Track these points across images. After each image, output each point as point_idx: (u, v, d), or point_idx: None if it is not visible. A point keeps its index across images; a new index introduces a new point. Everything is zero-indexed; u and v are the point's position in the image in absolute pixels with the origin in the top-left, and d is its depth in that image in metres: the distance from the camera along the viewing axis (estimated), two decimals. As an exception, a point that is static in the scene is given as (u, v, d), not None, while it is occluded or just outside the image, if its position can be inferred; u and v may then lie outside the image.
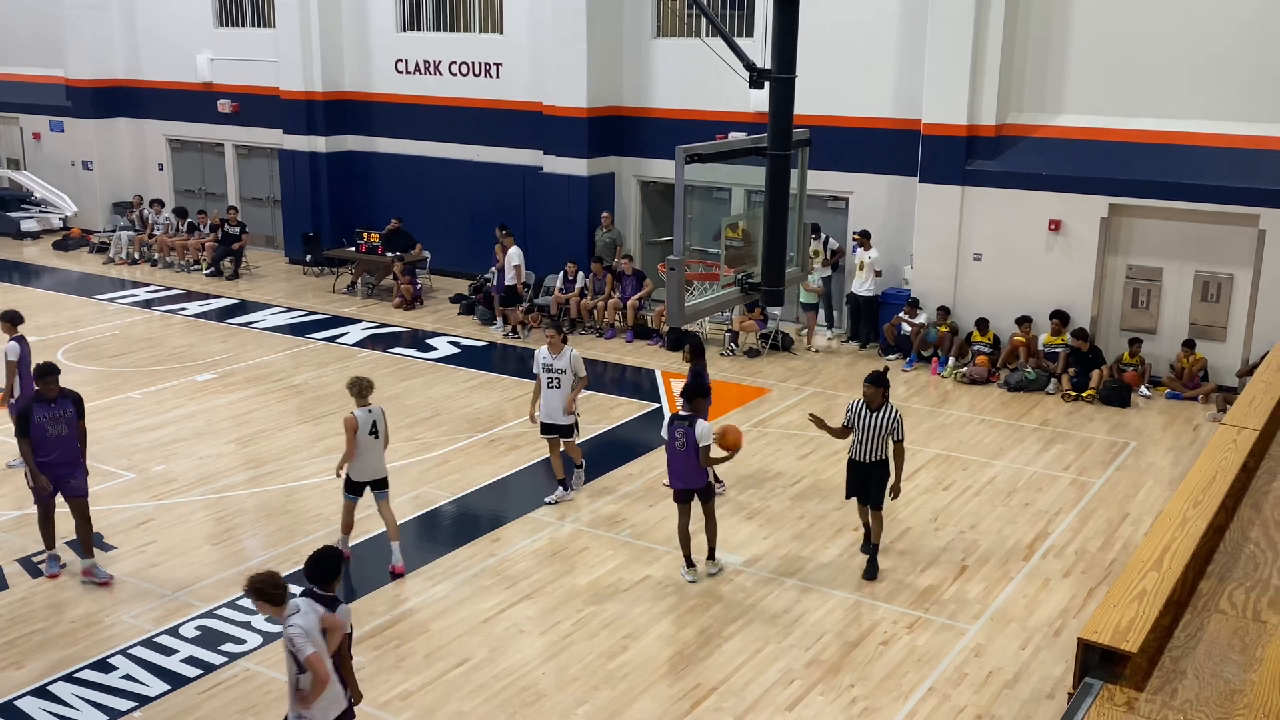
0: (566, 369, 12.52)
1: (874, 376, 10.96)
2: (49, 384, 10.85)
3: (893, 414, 10.90)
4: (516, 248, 20.31)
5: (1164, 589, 4.01)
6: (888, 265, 19.21)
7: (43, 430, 10.76)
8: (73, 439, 10.96)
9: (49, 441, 10.80)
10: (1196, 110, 16.66)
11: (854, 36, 18.95)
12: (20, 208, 28.51)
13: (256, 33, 25.90)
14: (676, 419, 11.05)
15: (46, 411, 10.81)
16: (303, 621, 6.85)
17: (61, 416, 10.86)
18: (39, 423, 10.76)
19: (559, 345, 12.54)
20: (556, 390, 12.55)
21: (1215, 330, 16.91)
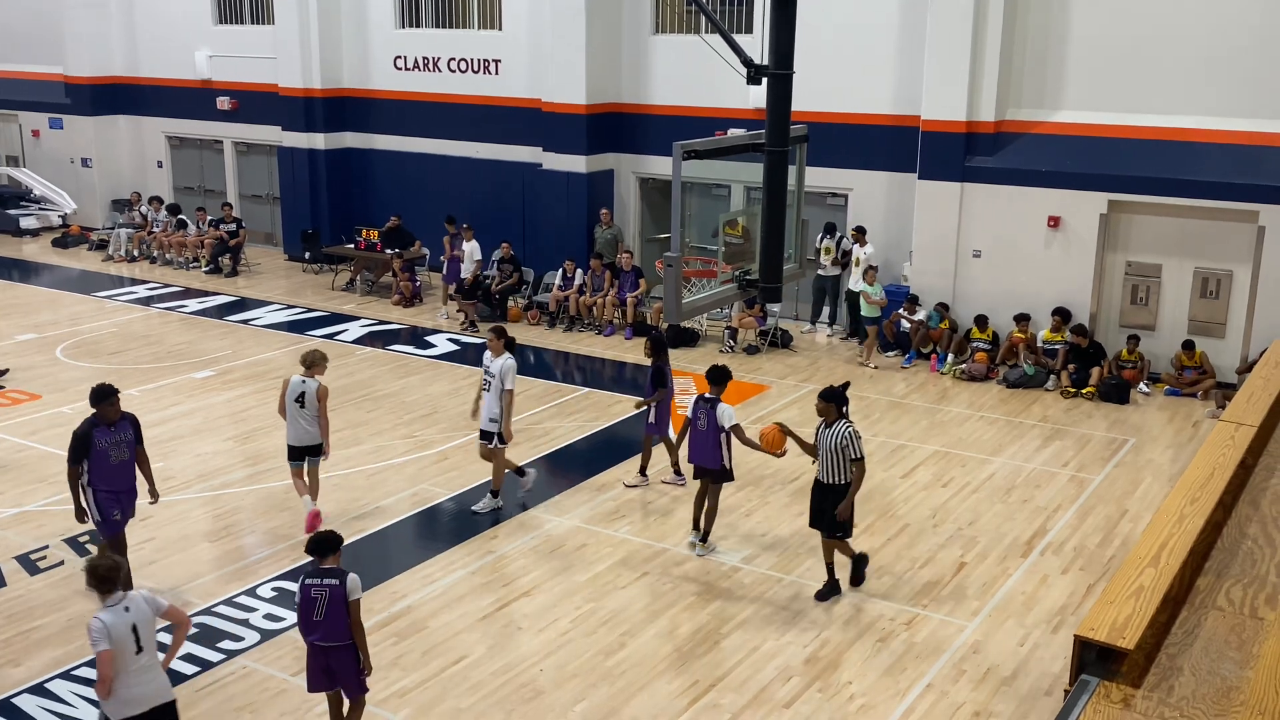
0: (497, 375, 12.28)
1: (825, 391, 10.43)
2: (110, 407, 10.06)
3: (841, 431, 10.21)
4: (475, 242, 20.52)
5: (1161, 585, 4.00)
6: (889, 262, 19.20)
7: (105, 457, 9.96)
8: (132, 464, 10.21)
9: (113, 469, 10.01)
10: (1196, 106, 16.64)
11: (853, 33, 18.93)
12: (19, 205, 28.50)
13: (255, 29, 25.87)
14: (702, 399, 11.46)
15: (109, 436, 10.03)
16: (107, 619, 7.17)
17: (123, 440, 10.12)
18: (102, 448, 9.97)
19: (498, 349, 12.34)
20: (488, 394, 12.34)
21: (1215, 327, 16.89)
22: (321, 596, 7.88)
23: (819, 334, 19.77)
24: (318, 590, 7.89)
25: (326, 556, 8.01)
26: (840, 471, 10.32)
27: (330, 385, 16.85)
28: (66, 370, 17.48)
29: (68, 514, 12.29)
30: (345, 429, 15.17)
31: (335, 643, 7.92)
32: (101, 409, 10.06)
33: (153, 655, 7.42)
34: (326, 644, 7.93)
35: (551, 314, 20.51)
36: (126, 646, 7.24)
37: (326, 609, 7.86)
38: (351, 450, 14.32)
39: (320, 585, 7.90)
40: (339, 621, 7.86)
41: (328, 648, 7.95)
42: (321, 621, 7.89)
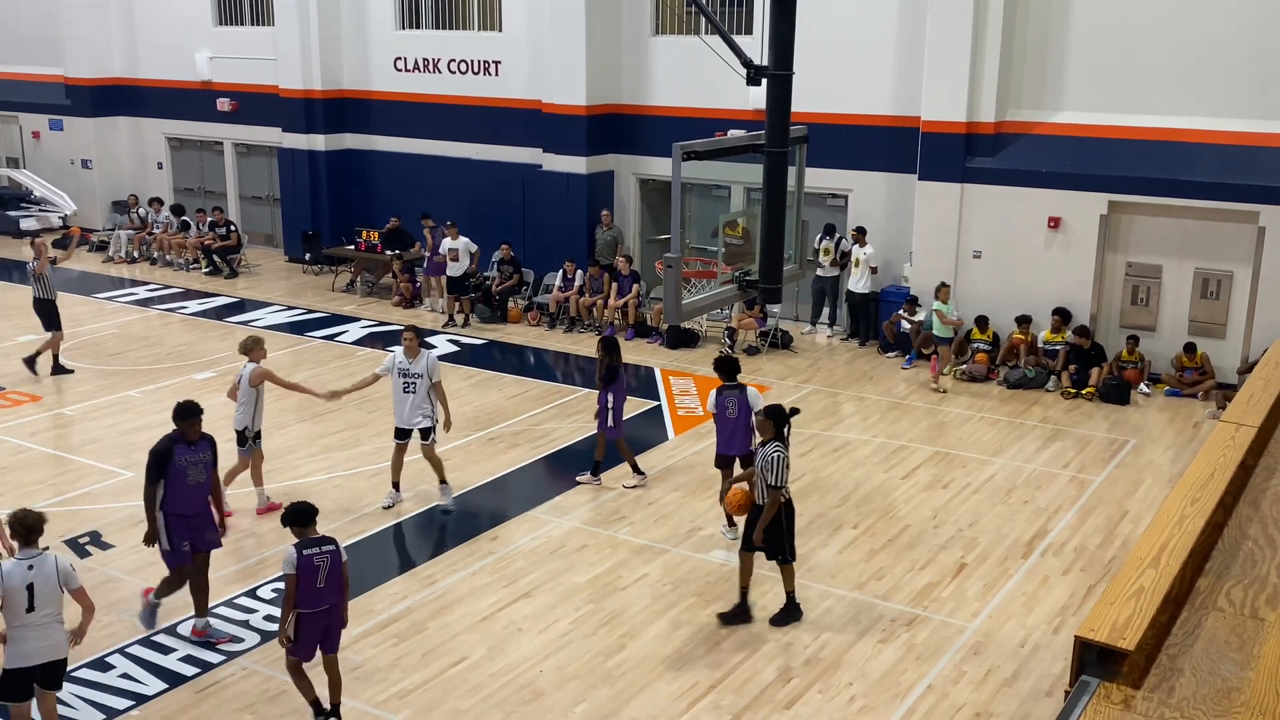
0: (424, 374, 12.32)
1: (770, 408, 10.16)
2: (193, 425, 9.69)
3: (769, 453, 9.82)
4: (466, 239, 20.61)
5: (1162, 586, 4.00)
6: (889, 263, 19.20)
7: (183, 476, 9.52)
8: (208, 488, 9.87)
9: (189, 491, 9.57)
10: (1196, 107, 16.64)
11: (853, 33, 18.93)
12: (20, 206, 28.50)
13: (255, 31, 25.88)
14: (725, 389, 11.63)
15: (189, 454, 9.64)
16: (6, 567, 7.72)
17: (202, 460, 9.74)
18: (181, 467, 9.53)
19: (415, 349, 12.35)
20: (412, 395, 12.33)
21: (1215, 327, 16.89)
22: (324, 564, 8.29)
23: (819, 335, 19.77)
24: (319, 559, 8.28)
25: (310, 525, 8.35)
26: (762, 491, 9.92)
27: (332, 386, 16.88)
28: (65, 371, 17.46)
29: (67, 515, 12.34)
30: (345, 430, 15.18)
31: (333, 604, 8.42)
32: (183, 427, 9.65)
33: (50, 617, 7.80)
34: (329, 606, 8.39)
35: (551, 315, 20.52)
36: (18, 600, 7.60)
37: (328, 575, 8.31)
38: (352, 451, 14.32)
39: (321, 554, 8.30)
40: (338, 583, 8.39)
41: (329, 609, 8.41)
42: (325, 588, 8.32)
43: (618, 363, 13.07)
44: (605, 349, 13.05)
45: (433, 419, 12.47)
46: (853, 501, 12.96)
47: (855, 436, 15.07)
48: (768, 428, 10.01)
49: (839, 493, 13.20)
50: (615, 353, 13.08)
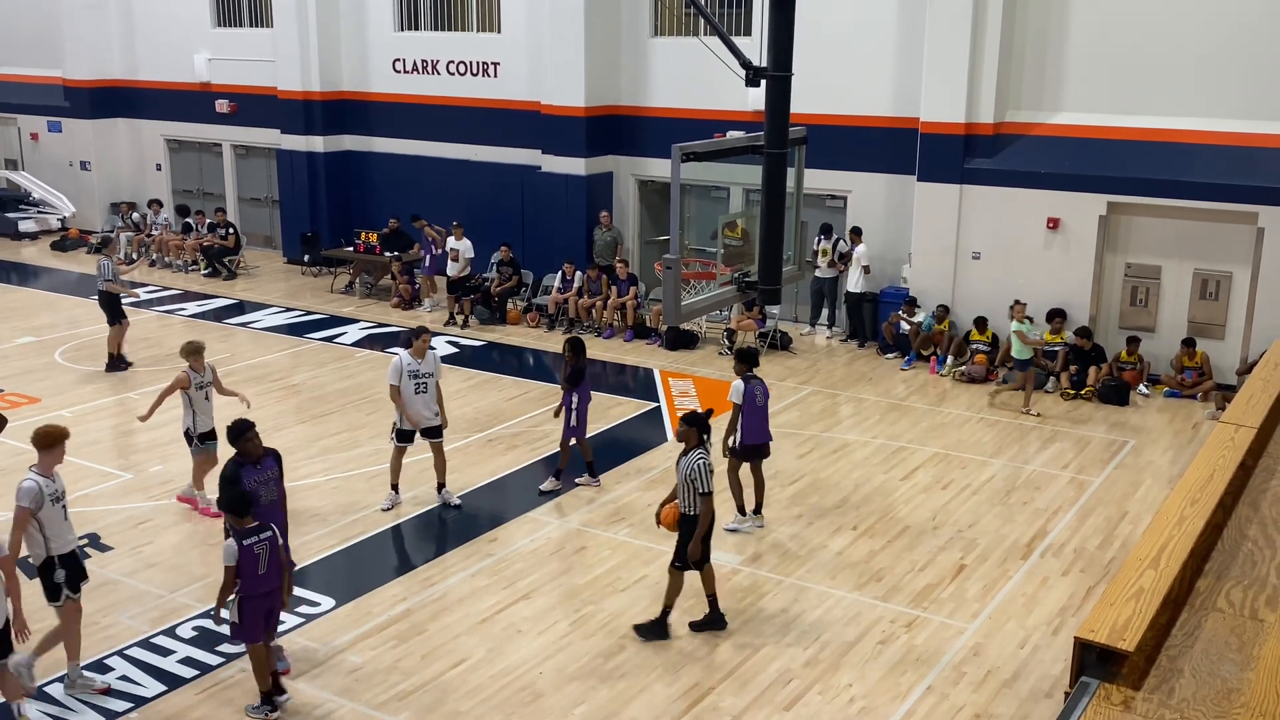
0: (433, 372, 12.39)
1: (688, 415, 10.00)
2: (251, 442, 9.38)
3: (693, 461, 9.63)
4: (468, 240, 20.66)
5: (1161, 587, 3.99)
6: (888, 264, 19.19)
7: (254, 498, 9.07)
8: (281, 504, 9.61)
9: (263, 512, 9.07)
10: (1195, 108, 16.65)
11: (851, 35, 18.94)
12: (18, 208, 28.50)
13: (254, 32, 25.88)
14: (750, 378, 11.75)
15: (256, 475, 9.37)
16: None
17: (270, 478, 9.51)
18: (251, 489, 9.17)
19: (424, 350, 12.33)
20: (425, 395, 12.35)
21: (1214, 328, 16.89)
22: (264, 552, 8.58)
23: (818, 336, 19.77)
24: (259, 547, 8.56)
25: (248, 514, 8.57)
26: (693, 502, 9.72)
27: (330, 388, 16.92)
28: (65, 373, 17.47)
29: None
30: (344, 432, 15.17)
31: (274, 587, 8.70)
32: (242, 446, 9.34)
33: None
34: (270, 590, 8.66)
35: (551, 316, 20.52)
36: None
37: (269, 561, 8.58)
38: (352, 453, 14.31)
39: (260, 541, 8.57)
40: (277, 568, 8.68)
41: (270, 593, 8.68)
42: (266, 574, 8.59)
43: (584, 364, 13.06)
44: (573, 350, 12.99)
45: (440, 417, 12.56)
46: (852, 503, 12.96)
47: (854, 438, 15.07)
48: (691, 436, 9.78)
49: (838, 494, 13.20)
50: (582, 354, 13.05)
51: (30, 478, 8.86)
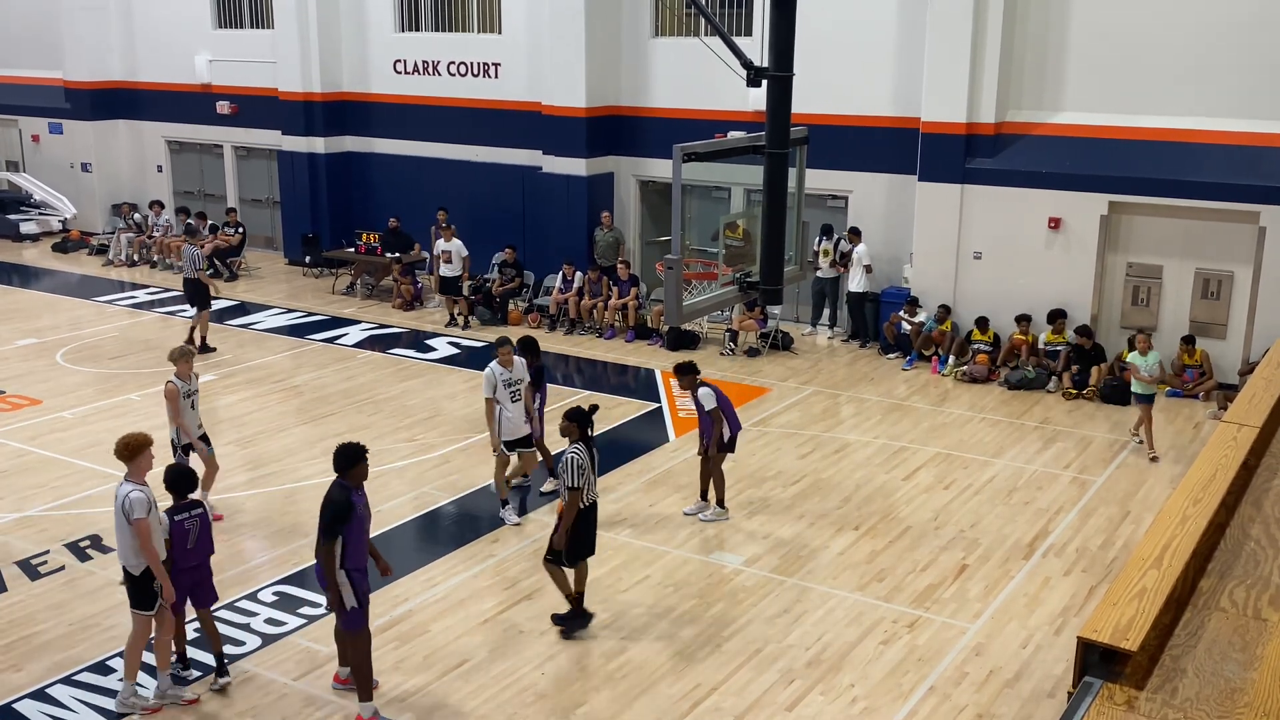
0: (524, 378, 12.35)
1: (571, 411, 10.01)
2: (362, 467, 8.59)
3: (564, 455, 9.80)
4: (459, 241, 20.68)
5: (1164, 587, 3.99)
6: (890, 264, 19.19)
7: (362, 526, 8.53)
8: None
9: (360, 540, 8.57)
10: (1196, 107, 16.64)
11: (853, 35, 18.93)
12: (20, 210, 28.51)
13: (255, 34, 25.88)
14: (702, 384, 12.16)
15: (364, 500, 8.65)
16: None
17: (368, 504, 8.79)
18: (360, 516, 8.52)
19: (510, 358, 12.31)
20: (519, 403, 12.34)
21: (1216, 328, 16.88)
22: (194, 528, 8.99)
23: (819, 336, 19.77)
24: (190, 523, 8.98)
25: (187, 493, 9.05)
26: (564, 495, 9.82)
27: (331, 389, 16.92)
28: (67, 375, 17.47)
29: (68, 519, 12.34)
30: (346, 433, 15.14)
31: (201, 562, 9.10)
32: (356, 473, 8.53)
33: None
34: (196, 564, 9.05)
35: (552, 317, 20.52)
36: None
37: (199, 537, 9.01)
38: (352, 454, 14.29)
39: (191, 518, 9.00)
40: (207, 543, 9.11)
41: (196, 567, 9.06)
42: (194, 550, 8.99)
43: (540, 364, 13.01)
44: (531, 350, 12.84)
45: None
46: (854, 503, 12.95)
47: (856, 438, 15.07)
48: (572, 430, 9.84)
49: (840, 494, 13.20)
50: (539, 354, 12.98)
51: (135, 488, 8.66)
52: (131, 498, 8.58)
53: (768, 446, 14.67)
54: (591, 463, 9.90)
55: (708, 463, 12.45)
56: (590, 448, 9.91)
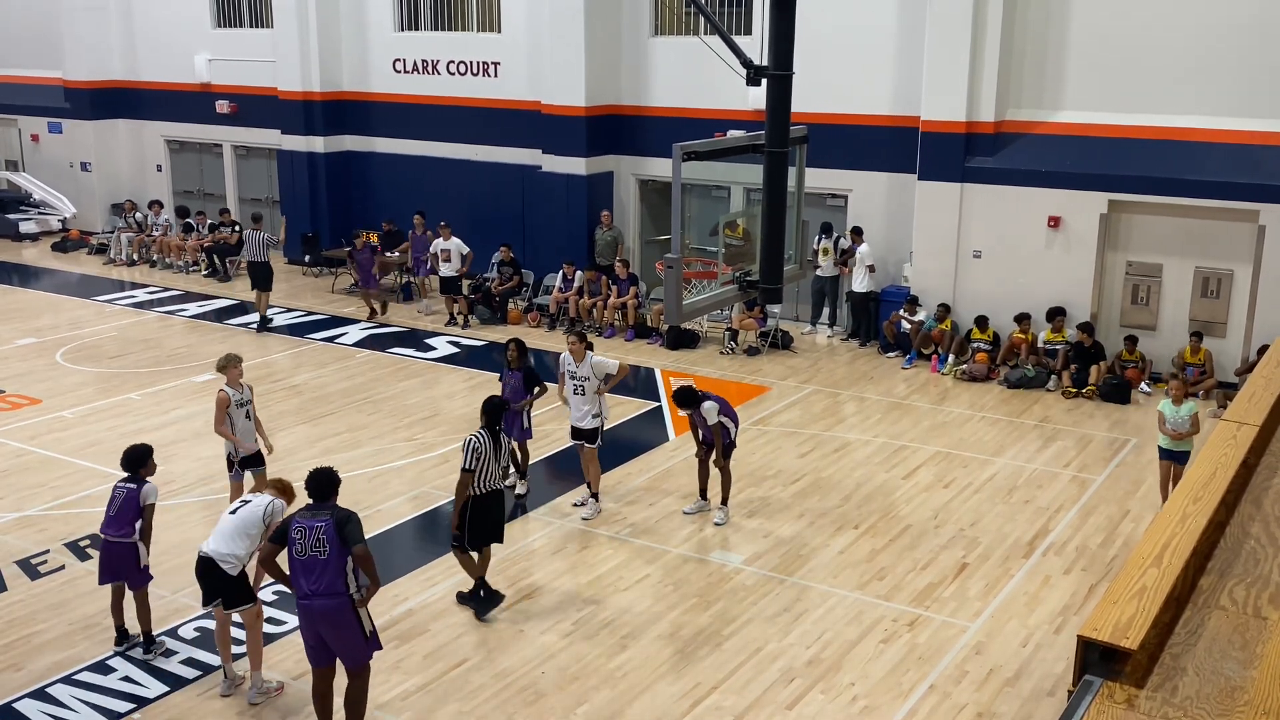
0: (590, 375, 12.36)
1: (485, 402, 10.48)
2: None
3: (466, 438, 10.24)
4: (457, 239, 20.72)
5: (1164, 586, 3.98)
6: (890, 263, 19.20)
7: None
8: None
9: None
10: (1196, 106, 16.63)
11: (852, 33, 18.93)
12: (19, 209, 28.50)
13: (254, 33, 25.88)
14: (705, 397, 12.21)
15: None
16: None
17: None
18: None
19: (581, 352, 12.35)
20: (581, 397, 12.38)
21: (1215, 326, 16.87)
22: (119, 495, 9.52)
23: (819, 335, 19.77)
24: (119, 490, 9.57)
25: (142, 469, 9.66)
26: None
27: (331, 388, 16.93)
28: (67, 374, 17.48)
29: (68, 518, 12.36)
30: (346, 432, 15.18)
31: (112, 535, 9.45)
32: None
33: None
34: (110, 537, 9.43)
35: (551, 316, 20.52)
36: None
37: (119, 506, 9.47)
38: (353, 453, 14.31)
39: (120, 486, 9.59)
40: (125, 519, 9.44)
41: (111, 541, 9.42)
42: (114, 517, 9.45)
43: (531, 365, 13.04)
44: (522, 351, 12.85)
45: (600, 417, 12.49)
46: (854, 501, 12.96)
47: (856, 437, 15.07)
48: (482, 419, 10.31)
49: (840, 493, 13.20)
50: (524, 356, 12.95)
51: (266, 496, 9.30)
52: (277, 504, 9.19)
53: (768, 445, 14.67)
54: (495, 452, 10.14)
55: (707, 462, 12.44)
56: (495, 438, 10.18)
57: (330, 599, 7.96)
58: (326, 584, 7.93)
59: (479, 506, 10.15)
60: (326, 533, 7.97)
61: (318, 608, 7.98)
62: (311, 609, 8.01)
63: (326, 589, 7.95)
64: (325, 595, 7.95)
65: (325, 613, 7.99)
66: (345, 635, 8.07)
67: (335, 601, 7.96)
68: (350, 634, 8.08)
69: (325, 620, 8.03)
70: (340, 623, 8.02)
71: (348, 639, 8.10)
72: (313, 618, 8.07)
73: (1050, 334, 17.37)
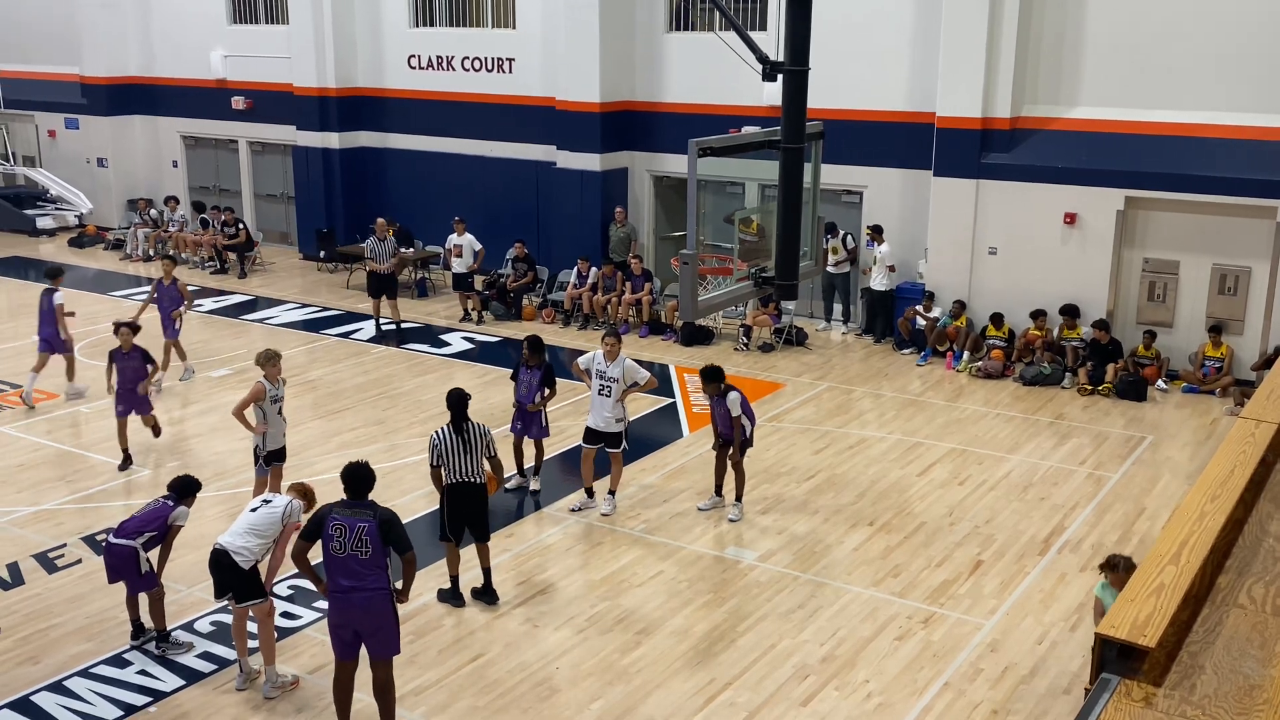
0: (619, 379, 12.30)
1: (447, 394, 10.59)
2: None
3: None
4: (470, 235, 20.77)
5: (1182, 583, 3.97)
6: (903, 259, 19.15)
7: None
8: None
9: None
10: (1213, 102, 16.55)
11: (868, 29, 18.88)
12: (36, 205, 28.64)
13: (270, 29, 25.94)
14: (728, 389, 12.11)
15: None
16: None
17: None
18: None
19: (615, 353, 12.34)
20: (607, 399, 12.32)
21: (1233, 323, 16.80)
22: (153, 505, 9.76)
23: (834, 331, 19.74)
24: (156, 501, 9.80)
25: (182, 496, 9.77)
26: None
27: (346, 383, 16.97)
28: (83, 370, 17.53)
29: (85, 512, 12.43)
30: (361, 427, 15.22)
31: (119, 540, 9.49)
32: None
33: None
34: (114, 540, 9.51)
35: (566, 312, 20.53)
36: None
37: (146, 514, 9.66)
38: (367, 448, 14.34)
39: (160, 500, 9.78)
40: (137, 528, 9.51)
41: (112, 544, 9.50)
42: (132, 520, 9.63)
43: (549, 363, 12.96)
44: (538, 349, 12.79)
45: (624, 421, 12.41)
46: (869, 498, 12.94)
47: (871, 433, 15.05)
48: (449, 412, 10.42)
49: (855, 489, 13.18)
50: (545, 352, 12.92)
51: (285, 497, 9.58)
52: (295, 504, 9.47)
53: (782, 442, 14.66)
54: (461, 446, 10.21)
55: (723, 458, 12.43)
56: (458, 432, 10.24)
57: (371, 593, 8.07)
58: (368, 580, 8.05)
59: (452, 496, 10.33)
60: (369, 533, 8.03)
61: (358, 600, 8.09)
62: (351, 602, 8.10)
63: (368, 584, 8.06)
64: (366, 589, 8.06)
65: (365, 606, 8.10)
66: (382, 627, 8.19)
67: (376, 595, 8.08)
68: (387, 626, 8.21)
69: (365, 613, 8.13)
70: (379, 615, 8.14)
71: (384, 631, 8.22)
72: (351, 610, 8.15)
73: (1066, 331, 17.31)
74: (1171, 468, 13.90)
